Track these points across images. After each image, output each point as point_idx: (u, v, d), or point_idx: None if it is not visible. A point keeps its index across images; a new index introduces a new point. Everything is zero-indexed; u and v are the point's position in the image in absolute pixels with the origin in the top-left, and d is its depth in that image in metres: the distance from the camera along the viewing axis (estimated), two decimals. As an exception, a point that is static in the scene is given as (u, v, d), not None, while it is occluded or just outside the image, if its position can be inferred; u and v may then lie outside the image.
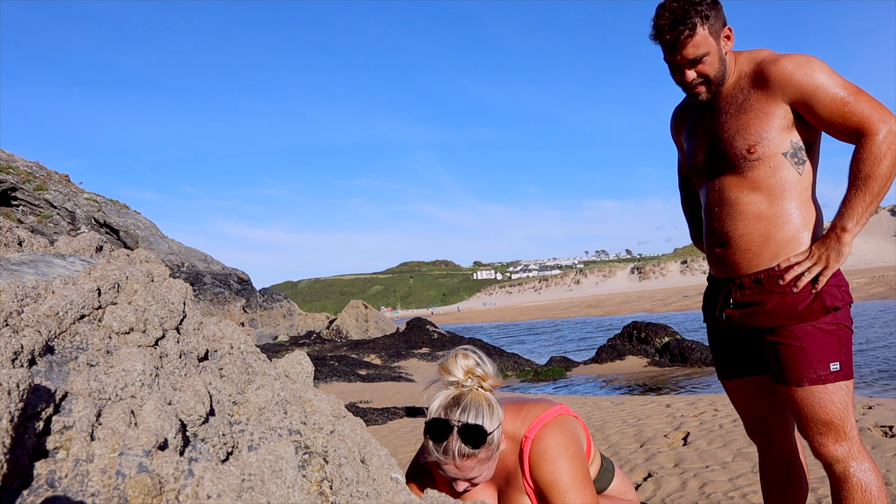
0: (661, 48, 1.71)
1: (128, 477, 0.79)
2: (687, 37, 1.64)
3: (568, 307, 49.56)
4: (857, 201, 1.59)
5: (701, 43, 1.65)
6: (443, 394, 1.56)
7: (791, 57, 1.63)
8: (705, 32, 1.65)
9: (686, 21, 1.63)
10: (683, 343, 10.87)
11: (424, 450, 1.59)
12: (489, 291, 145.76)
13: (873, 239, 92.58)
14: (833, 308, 1.63)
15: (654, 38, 1.71)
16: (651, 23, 1.70)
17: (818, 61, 1.61)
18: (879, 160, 1.53)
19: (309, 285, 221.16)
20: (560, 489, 1.51)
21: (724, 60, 1.70)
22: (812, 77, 1.58)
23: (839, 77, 1.59)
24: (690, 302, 35.97)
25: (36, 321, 0.94)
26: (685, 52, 1.67)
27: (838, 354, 1.63)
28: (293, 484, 0.99)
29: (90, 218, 21.14)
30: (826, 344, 1.63)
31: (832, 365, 1.62)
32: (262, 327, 22.51)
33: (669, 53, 1.70)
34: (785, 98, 1.63)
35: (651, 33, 1.71)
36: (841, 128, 1.59)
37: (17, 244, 1.34)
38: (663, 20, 1.67)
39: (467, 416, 1.50)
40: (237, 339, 1.32)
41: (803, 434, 1.69)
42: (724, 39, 1.69)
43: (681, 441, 4.07)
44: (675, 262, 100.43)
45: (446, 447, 1.49)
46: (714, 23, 1.66)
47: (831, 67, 1.61)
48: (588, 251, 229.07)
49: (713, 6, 1.66)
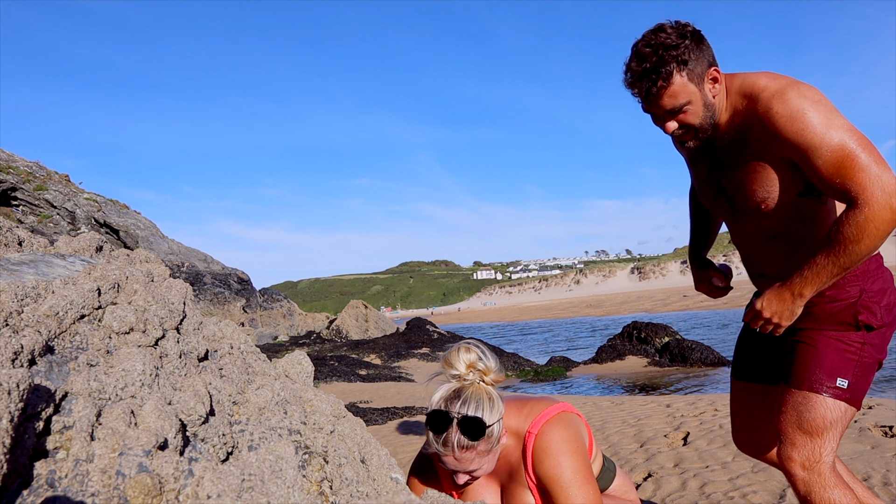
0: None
1: (128, 477, 0.79)
2: (661, 88, 1.47)
3: (568, 307, 49.56)
4: (826, 270, 1.43)
5: (679, 92, 1.47)
6: (444, 386, 1.57)
7: (784, 103, 1.42)
8: (683, 80, 1.46)
9: (659, 70, 1.45)
10: (683, 343, 10.87)
11: (427, 441, 1.60)
12: (489, 291, 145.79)
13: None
14: (865, 325, 1.52)
15: (626, 87, 1.53)
16: (623, 69, 1.52)
17: (812, 108, 1.40)
18: (867, 235, 1.36)
19: (309, 285, 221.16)
20: (562, 484, 1.52)
21: (710, 106, 1.52)
22: (804, 136, 1.40)
23: (837, 127, 1.38)
24: (690, 302, 35.96)
25: (36, 321, 0.94)
26: (661, 103, 1.50)
27: (851, 374, 1.52)
28: (293, 484, 0.99)
29: (90, 218, 21.14)
30: (842, 359, 1.53)
31: (840, 381, 1.52)
32: (262, 327, 22.52)
33: (645, 105, 1.54)
34: (780, 151, 1.47)
35: (623, 81, 1.53)
36: (834, 191, 1.42)
37: (17, 244, 1.34)
38: (633, 69, 1.49)
39: (467, 408, 1.51)
40: (237, 339, 1.32)
41: (778, 436, 1.61)
42: (709, 83, 1.51)
43: (681, 441, 4.06)
44: (675, 262, 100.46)
45: (446, 438, 1.50)
46: (695, 66, 1.47)
47: (827, 107, 1.42)
48: (588, 251, 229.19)
49: (695, 46, 1.47)
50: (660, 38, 1.46)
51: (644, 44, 1.48)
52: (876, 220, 1.35)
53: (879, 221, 1.35)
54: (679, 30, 1.48)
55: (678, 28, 1.48)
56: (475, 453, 1.51)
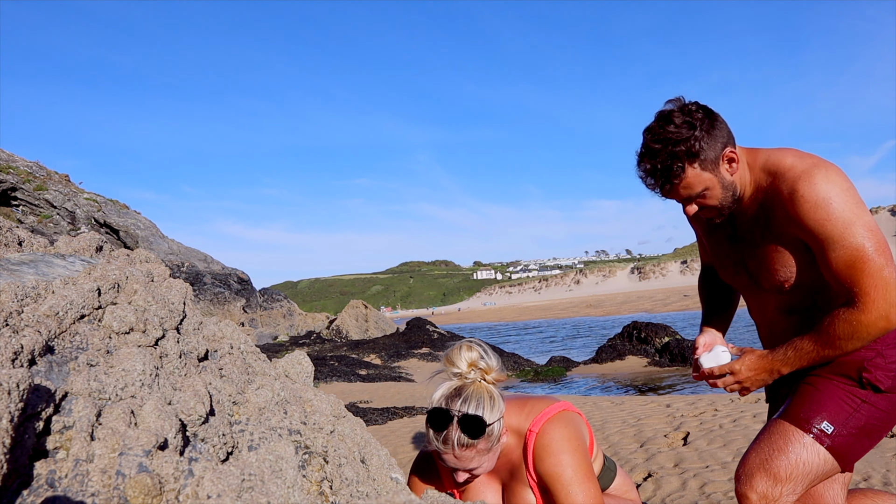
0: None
1: (128, 477, 0.79)
2: (674, 185, 1.47)
3: (568, 307, 49.54)
4: (809, 356, 1.45)
5: (693, 183, 1.46)
6: (446, 384, 1.58)
7: (810, 187, 1.40)
8: (696, 171, 1.45)
9: (671, 169, 1.44)
10: (683, 343, 10.87)
11: (427, 439, 1.60)
12: (489, 291, 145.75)
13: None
14: (869, 384, 1.45)
15: (640, 180, 1.51)
16: (636, 159, 1.50)
17: (838, 197, 1.38)
18: (857, 335, 1.38)
19: (309, 285, 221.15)
20: (563, 482, 1.52)
21: (729, 185, 1.50)
22: (825, 226, 1.38)
23: (859, 225, 1.37)
24: (690, 302, 35.96)
25: (36, 321, 0.94)
26: (678, 195, 1.50)
27: (840, 423, 1.44)
28: (293, 484, 0.99)
29: (90, 218, 21.14)
30: (837, 405, 1.46)
31: (826, 424, 1.45)
32: (262, 327, 22.51)
33: (662, 195, 1.53)
34: (797, 233, 1.46)
35: (637, 173, 1.51)
36: (839, 284, 1.41)
37: (17, 244, 1.34)
38: (644, 167, 1.48)
39: (468, 406, 1.51)
40: (237, 339, 1.32)
41: (742, 467, 1.52)
42: (725, 164, 1.48)
43: (681, 441, 4.06)
44: (675, 262, 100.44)
45: (446, 436, 1.50)
46: (708, 154, 1.44)
47: (853, 199, 1.39)
48: (588, 251, 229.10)
49: (706, 134, 1.44)
50: (668, 133, 1.44)
51: (653, 138, 1.46)
52: (870, 326, 1.37)
53: (872, 328, 1.37)
54: (688, 118, 1.45)
55: (686, 116, 1.45)
56: (475, 451, 1.51)
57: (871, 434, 1.47)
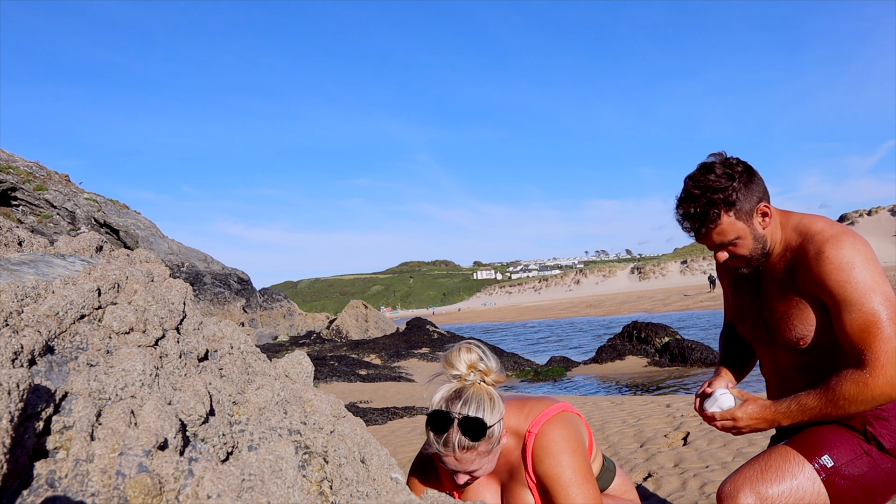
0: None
1: (128, 477, 0.79)
2: (709, 229, 1.56)
3: (568, 307, 49.58)
4: (811, 413, 1.49)
5: (727, 231, 1.55)
6: (445, 387, 1.58)
7: (837, 250, 1.47)
8: (731, 219, 1.54)
9: (708, 213, 1.53)
10: (683, 343, 10.87)
11: (427, 442, 1.60)
12: (489, 291, 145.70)
13: (873, 239, 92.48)
14: (873, 438, 1.48)
15: (678, 223, 1.62)
16: (675, 203, 1.60)
17: (862, 265, 1.44)
18: (861, 399, 1.42)
19: (309, 285, 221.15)
20: (562, 483, 1.52)
21: (760, 238, 1.58)
22: (845, 289, 1.44)
23: (878, 293, 1.42)
24: (690, 302, 35.97)
25: (36, 321, 0.94)
26: (712, 240, 1.59)
27: (843, 464, 1.46)
28: (293, 484, 0.99)
29: (90, 218, 21.14)
30: (843, 444, 1.49)
31: (826, 458, 1.47)
32: (262, 327, 22.52)
33: (696, 239, 1.62)
34: (817, 292, 1.51)
35: (675, 216, 1.61)
36: (850, 347, 1.46)
37: (17, 244, 1.34)
38: (683, 211, 1.57)
39: (468, 408, 1.51)
40: (237, 339, 1.32)
41: (732, 482, 1.53)
42: (759, 217, 1.57)
43: (681, 441, 4.06)
44: (675, 262, 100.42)
45: (446, 439, 1.50)
46: (743, 205, 1.53)
47: (876, 269, 1.45)
48: (588, 251, 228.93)
49: (743, 186, 1.53)
50: (709, 181, 1.53)
51: (694, 185, 1.55)
52: (875, 390, 1.41)
53: (878, 392, 1.41)
54: (728, 170, 1.54)
55: (727, 167, 1.55)
56: (476, 454, 1.51)
57: (868, 492, 1.48)
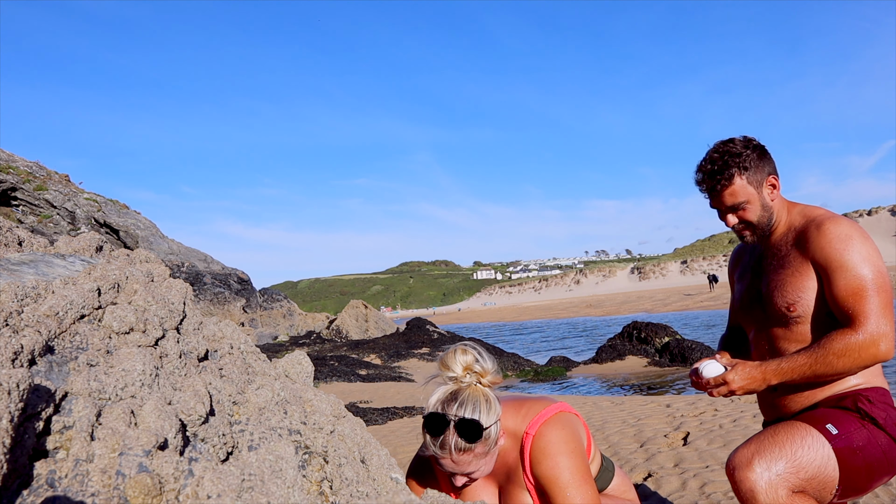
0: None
1: (128, 477, 0.79)
2: (723, 187, 1.71)
3: (568, 307, 49.57)
4: (801, 370, 1.58)
5: (738, 192, 1.70)
6: (441, 389, 1.57)
7: (837, 225, 1.62)
8: (743, 182, 1.70)
9: (723, 172, 1.69)
10: (683, 343, 10.87)
11: (424, 444, 1.59)
12: (489, 291, 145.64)
13: (873, 239, 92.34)
14: (867, 415, 1.55)
15: (696, 185, 1.78)
16: (695, 168, 1.78)
17: (860, 240, 1.58)
18: (849, 354, 1.52)
19: (309, 285, 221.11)
20: (560, 485, 1.51)
21: (767, 207, 1.74)
22: (842, 255, 1.57)
23: (872, 265, 1.56)
24: (690, 302, 35.97)
25: (36, 321, 0.94)
26: (723, 200, 1.73)
27: (846, 432, 1.51)
28: (293, 484, 0.99)
29: (90, 218, 21.14)
30: (844, 417, 1.55)
31: (830, 426, 1.53)
32: (262, 327, 22.52)
33: (710, 200, 1.77)
34: (814, 261, 1.63)
35: (694, 178, 1.78)
36: (839, 309, 1.58)
37: (17, 244, 1.34)
38: (702, 170, 1.74)
39: (464, 410, 1.50)
40: (237, 339, 1.32)
41: (743, 452, 1.56)
42: (768, 188, 1.73)
43: (681, 441, 4.06)
44: (675, 262, 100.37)
45: (443, 441, 1.50)
46: (755, 173, 1.70)
47: (872, 246, 1.59)
48: (588, 251, 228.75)
49: (758, 157, 1.70)
50: (728, 147, 1.72)
51: (714, 150, 1.74)
52: (861, 347, 1.52)
53: (863, 350, 1.53)
54: (745, 142, 1.73)
55: (745, 141, 1.74)
56: (473, 455, 1.51)
57: (869, 467, 1.51)
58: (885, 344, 1.52)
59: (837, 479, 1.49)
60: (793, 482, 1.46)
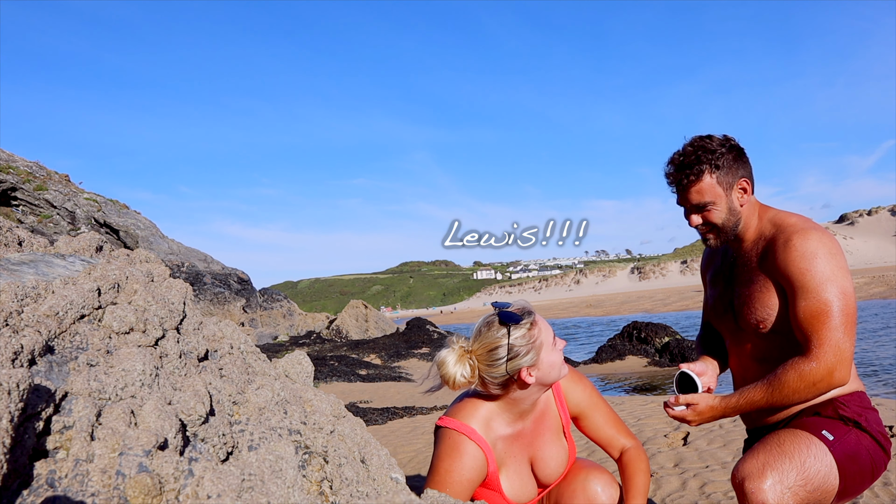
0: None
1: (128, 477, 0.79)
2: (690, 182, 1.64)
3: (568, 307, 49.54)
4: (756, 404, 1.58)
5: (706, 190, 1.63)
6: (458, 347, 1.58)
7: (803, 240, 1.55)
8: (712, 181, 1.62)
9: (693, 167, 1.62)
10: (683, 343, 10.87)
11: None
12: (489, 291, 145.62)
13: (873, 239, 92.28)
14: (850, 420, 1.54)
15: (665, 177, 1.71)
16: (666, 161, 1.71)
17: (825, 257, 1.52)
18: (803, 386, 1.50)
19: (309, 285, 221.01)
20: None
21: (735, 212, 1.66)
22: (804, 276, 1.52)
23: (834, 285, 1.50)
24: (690, 302, 35.94)
25: (36, 321, 0.94)
26: (689, 197, 1.66)
27: (839, 437, 1.50)
28: (293, 484, 0.99)
29: (90, 218, 21.14)
30: (833, 424, 1.54)
31: (825, 432, 1.51)
32: (262, 327, 22.51)
33: (677, 196, 1.71)
34: (778, 279, 1.59)
35: (664, 169, 1.71)
36: (798, 331, 1.55)
37: (17, 244, 1.34)
38: (673, 162, 1.67)
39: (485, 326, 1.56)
40: (237, 339, 1.32)
41: (750, 461, 1.52)
42: (738, 191, 1.66)
43: (681, 441, 4.06)
44: (675, 262, 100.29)
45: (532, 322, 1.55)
46: (727, 174, 1.63)
47: (838, 263, 1.53)
48: (588, 251, 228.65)
49: (733, 158, 1.63)
50: (703, 143, 1.64)
51: (689, 144, 1.67)
52: (816, 376, 1.50)
53: (818, 379, 1.50)
54: (723, 141, 1.66)
55: (723, 139, 1.66)
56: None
57: (861, 471, 1.51)
58: (839, 373, 1.49)
59: (837, 488, 1.48)
60: (801, 496, 1.45)
